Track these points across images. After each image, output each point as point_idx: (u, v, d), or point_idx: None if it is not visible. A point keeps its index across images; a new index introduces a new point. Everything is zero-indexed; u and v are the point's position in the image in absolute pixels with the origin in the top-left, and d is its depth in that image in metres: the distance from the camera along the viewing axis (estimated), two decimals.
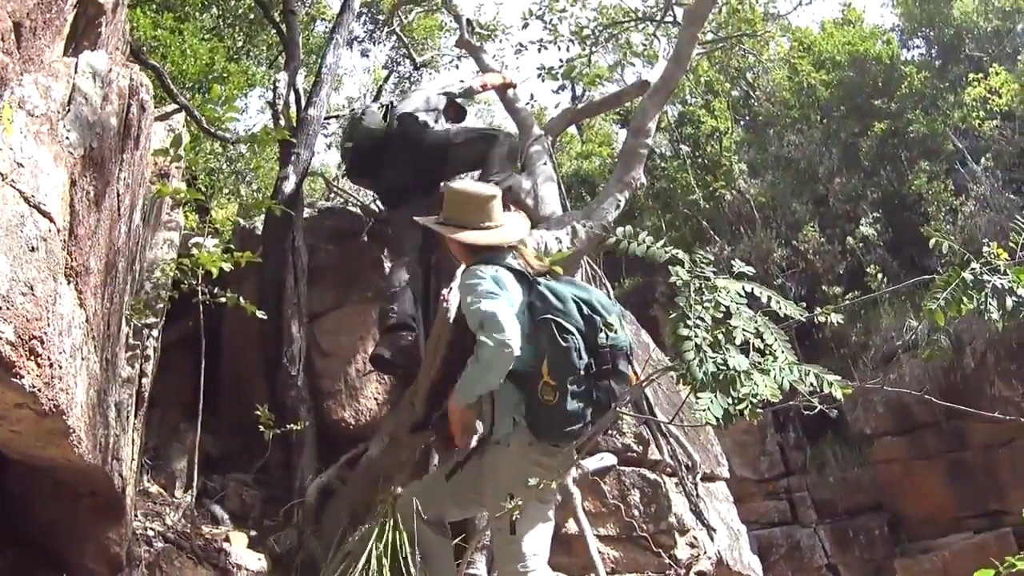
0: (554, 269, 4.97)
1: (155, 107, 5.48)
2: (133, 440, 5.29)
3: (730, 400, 3.48)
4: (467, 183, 5.91)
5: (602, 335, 4.50)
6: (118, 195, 4.43)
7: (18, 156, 3.44)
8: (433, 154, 6.75)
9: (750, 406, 3.48)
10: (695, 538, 6.62)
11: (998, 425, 10.70)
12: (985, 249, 3.75)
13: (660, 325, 8.65)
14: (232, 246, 6.11)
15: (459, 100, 7.52)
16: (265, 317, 6.10)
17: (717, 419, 3.46)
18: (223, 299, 5.96)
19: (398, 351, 6.29)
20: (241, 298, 5.93)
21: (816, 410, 3.84)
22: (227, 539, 6.00)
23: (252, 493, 6.68)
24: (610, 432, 6.59)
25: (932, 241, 4.17)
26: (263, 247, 6.74)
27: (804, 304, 10.19)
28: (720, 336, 3.62)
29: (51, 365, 3.40)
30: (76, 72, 4.09)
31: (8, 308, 3.14)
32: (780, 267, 11.86)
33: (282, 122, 7.54)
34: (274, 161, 10.40)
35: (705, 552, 6.60)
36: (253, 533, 6.32)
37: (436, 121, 6.98)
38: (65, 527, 4.90)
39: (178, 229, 6.51)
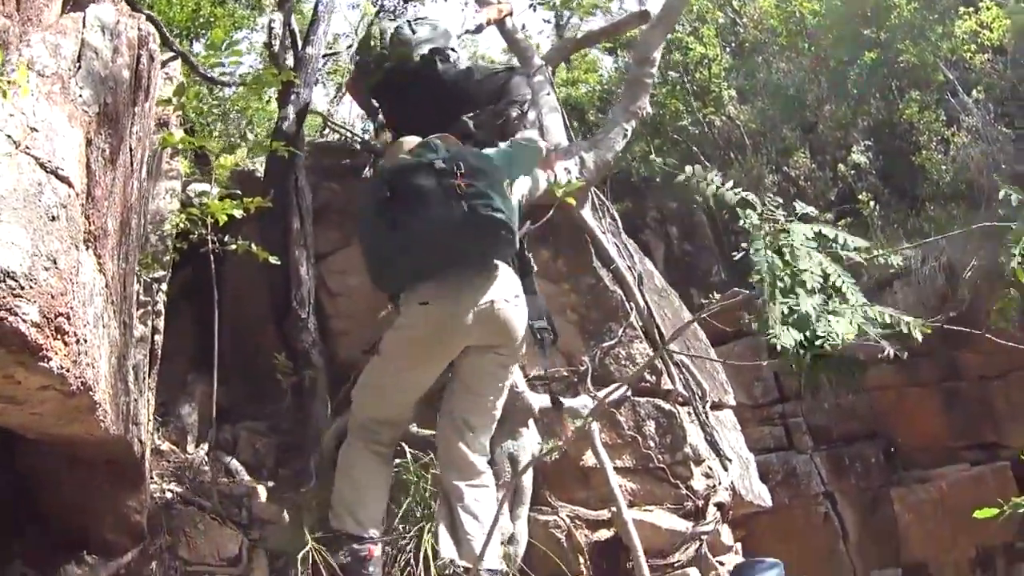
0: None
1: None
2: (148, 401, 4.98)
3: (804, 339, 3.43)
4: None
5: None
6: (130, 150, 4.09)
7: (31, 120, 3.10)
8: (456, 91, 6.39)
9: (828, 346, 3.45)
10: (710, 468, 6.49)
11: (993, 357, 10.56)
12: None
13: (651, 250, 8.34)
14: (239, 192, 5.74)
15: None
16: (278, 262, 5.93)
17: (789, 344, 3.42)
18: (233, 247, 5.77)
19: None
20: (252, 244, 5.75)
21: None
22: (247, 494, 5.73)
23: (265, 442, 6.37)
24: (623, 362, 6.45)
25: None
26: (266, 190, 6.37)
27: None
28: (787, 279, 3.51)
29: (78, 341, 3.08)
30: (84, 27, 3.76)
31: (32, 286, 2.81)
32: (772, 193, 11.55)
33: (289, 62, 7.11)
34: (265, 103, 10.04)
35: (720, 483, 6.48)
36: (271, 484, 6.06)
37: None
38: (81, 500, 4.57)
39: (179, 178, 6.19)
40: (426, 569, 5.05)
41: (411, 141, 5.28)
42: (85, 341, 3.17)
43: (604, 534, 6.06)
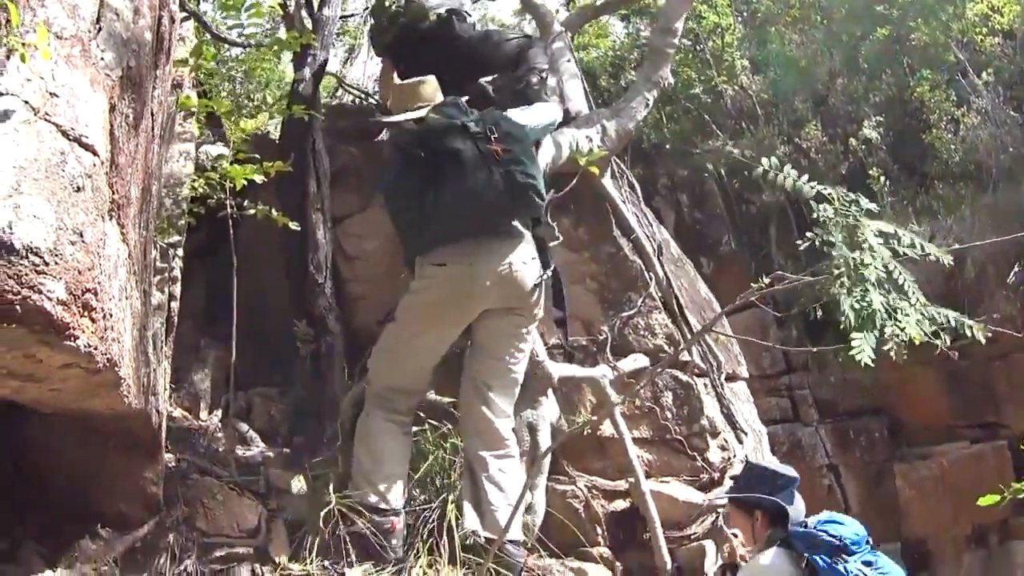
0: None
1: None
2: (165, 370, 4.78)
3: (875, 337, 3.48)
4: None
5: None
6: (152, 115, 3.87)
7: (51, 85, 2.88)
8: (472, 54, 6.24)
9: (896, 348, 3.53)
10: (726, 440, 6.36)
11: (996, 338, 10.41)
12: None
13: (663, 218, 8.15)
14: (256, 156, 5.55)
15: None
16: (297, 227, 5.84)
17: (871, 359, 3.50)
18: (252, 211, 5.63)
19: None
20: (273, 209, 5.67)
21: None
22: (264, 462, 5.57)
23: (279, 408, 6.21)
24: (642, 332, 6.32)
25: None
26: (282, 153, 6.18)
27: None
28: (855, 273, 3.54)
29: (104, 317, 2.90)
30: None
31: (57, 262, 2.62)
32: (782, 164, 11.35)
33: (308, 24, 6.89)
34: (275, 64, 9.81)
35: (735, 455, 6.32)
36: (286, 451, 5.93)
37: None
38: (94, 472, 4.39)
39: (192, 140, 5.95)
40: (449, 540, 4.91)
41: (426, 90, 5.14)
42: (111, 316, 2.99)
43: (620, 504, 5.95)
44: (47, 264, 2.57)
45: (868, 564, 4.71)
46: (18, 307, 2.53)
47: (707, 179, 11.41)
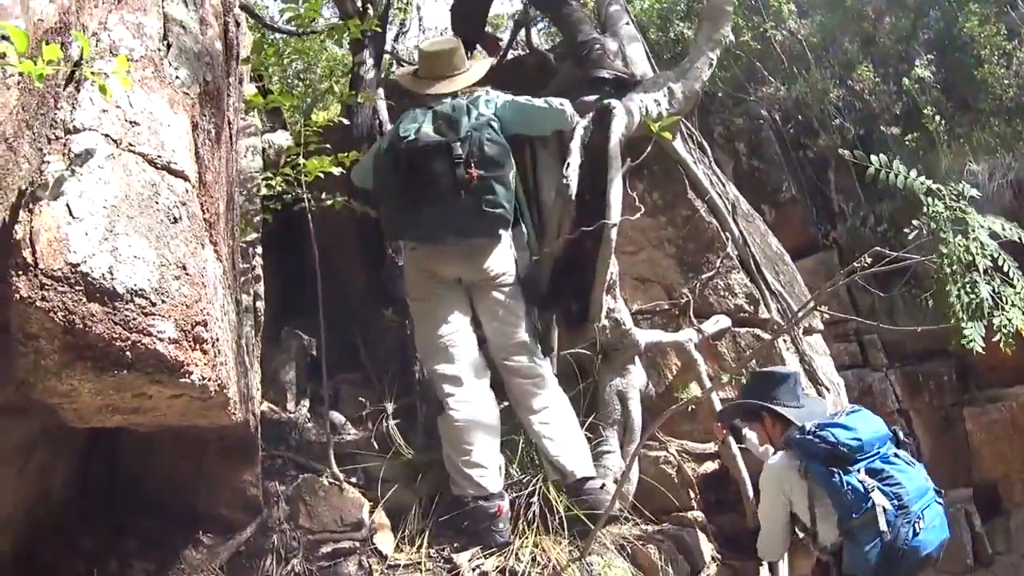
0: None
1: None
2: (256, 372, 4.64)
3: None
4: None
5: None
6: (229, 123, 3.69)
7: (129, 113, 2.71)
8: None
9: (1004, 338, 3.59)
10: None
11: None
12: None
13: (721, 167, 7.88)
14: (328, 146, 5.41)
15: None
16: (375, 214, 5.73)
17: (982, 347, 3.63)
18: (329, 202, 5.61)
19: None
20: (349, 199, 5.71)
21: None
22: (358, 450, 5.40)
23: (367, 393, 6.04)
24: (722, 293, 6.22)
25: None
26: (352, 139, 6.07)
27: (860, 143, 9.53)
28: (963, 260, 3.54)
29: (214, 345, 2.72)
30: (163, 0, 3.31)
31: (164, 300, 2.46)
32: (837, 107, 11.03)
33: (371, 11, 6.67)
34: (323, 45, 9.59)
35: None
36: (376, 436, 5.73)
37: None
38: (193, 478, 4.31)
39: (258, 133, 5.82)
40: (550, 514, 4.85)
41: (454, 59, 5.46)
42: (219, 340, 2.83)
43: (710, 467, 5.86)
44: (154, 304, 2.42)
45: (875, 472, 4.47)
46: (128, 353, 2.38)
47: (763, 126, 11.11)
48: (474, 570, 4.59)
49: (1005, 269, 3.72)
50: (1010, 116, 10.36)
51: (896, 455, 4.66)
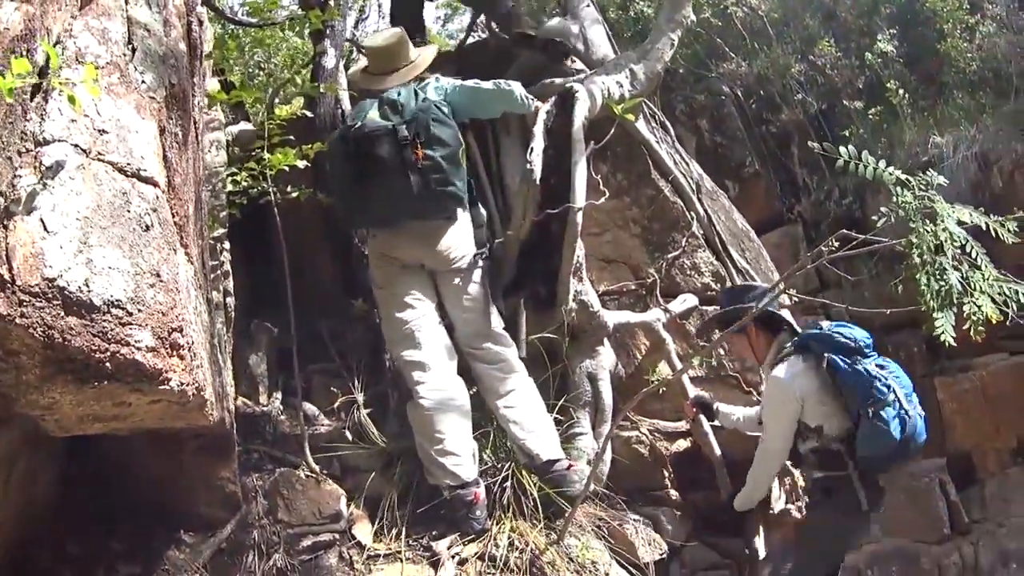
0: None
1: None
2: (229, 368, 4.65)
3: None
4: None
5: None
6: (195, 124, 3.69)
7: (97, 122, 2.71)
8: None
9: (973, 325, 3.61)
10: None
11: None
12: None
13: (684, 143, 7.92)
14: (291, 137, 5.42)
15: None
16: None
17: (952, 337, 3.65)
18: (294, 194, 5.58)
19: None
20: (315, 191, 5.73)
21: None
22: (333, 440, 5.42)
23: (339, 383, 6.06)
24: (689, 272, 6.28)
25: None
26: (315, 130, 6.05)
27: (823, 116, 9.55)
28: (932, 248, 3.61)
29: (190, 349, 2.75)
30: (127, 3, 3.31)
31: (140, 309, 2.48)
32: (799, 82, 11.08)
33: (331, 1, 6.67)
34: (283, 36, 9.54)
35: None
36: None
37: None
38: (172, 479, 4.32)
39: (221, 128, 5.81)
40: (526, 496, 4.92)
41: (400, 51, 5.48)
42: (194, 343, 2.86)
43: (682, 444, 5.90)
44: (131, 314, 2.45)
45: (881, 367, 4.91)
46: (108, 364, 2.41)
47: (725, 102, 11.15)
48: (453, 557, 4.63)
49: (973, 255, 3.76)
50: (973, 89, 10.44)
51: (882, 358, 5.09)
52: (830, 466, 5.02)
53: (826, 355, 4.93)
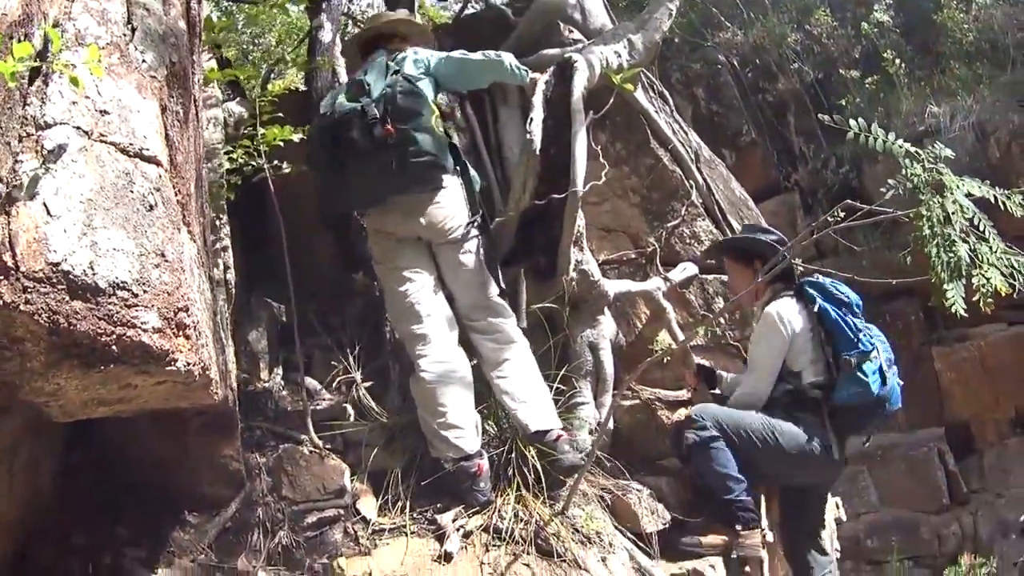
0: None
1: None
2: (231, 345, 4.64)
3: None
4: None
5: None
6: (195, 101, 3.67)
7: (99, 103, 2.69)
8: None
9: (983, 297, 3.64)
10: None
11: None
12: None
13: (680, 112, 7.89)
14: (281, 114, 5.42)
15: None
16: None
17: (964, 308, 3.69)
18: (287, 170, 5.52)
19: None
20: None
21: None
22: (335, 416, 5.42)
23: (338, 357, 6.05)
24: (688, 241, 6.28)
25: None
26: (312, 106, 6.01)
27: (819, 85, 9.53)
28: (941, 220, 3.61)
29: (195, 328, 2.73)
30: None
31: (146, 291, 2.47)
32: (795, 51, 11.06)
33: None
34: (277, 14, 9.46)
35: None
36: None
37: None
38: (176, 459, 4.31)
39: (219, 105, 5.77)
40: (527, 467, 4.90)
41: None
42: (199, 322, 2.85)
43: (684, 413, 5.81)
44: (136, 296, 2.44)
45: (868, 328, 5.13)
46: (114, 347, 2.40)
47: (721, 71, 11.13)
48: (458, 530, 4.63)
49: (981, 228, 3.79)
50: (970, 60, 10.42)
51: (868, 323, 5.26)
52: (803, 409, 5.11)
53: (819, 302, 5.06)
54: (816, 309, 5.08)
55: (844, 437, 5.18)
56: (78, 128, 2.58)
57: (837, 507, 7.12)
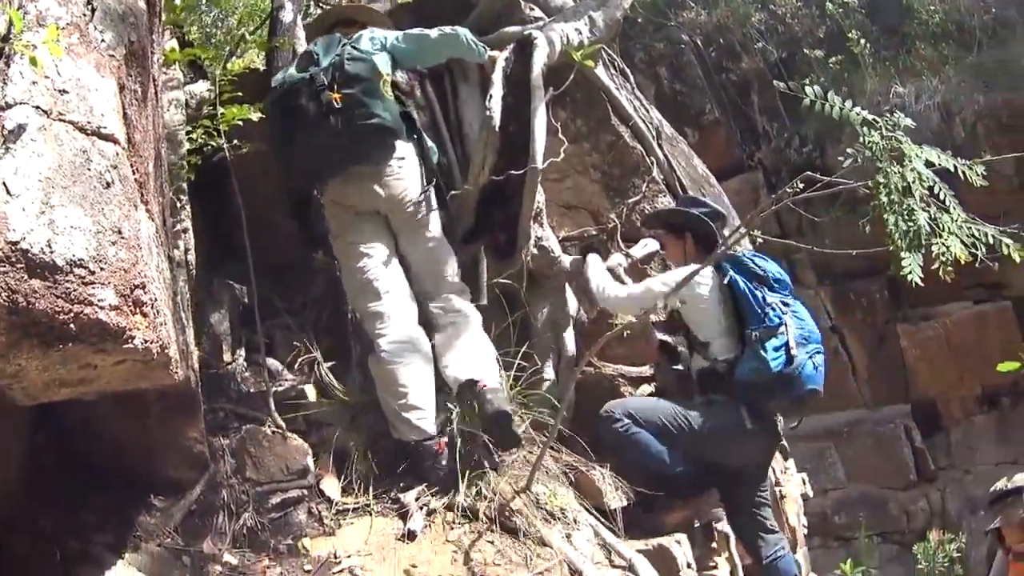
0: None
1: None
2: (191, 325, 4.64)
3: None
4: None
5: None
6: (154, 81, 3.68)
7: (58, 83, 2.71)
8: None
9: (942, 266, 3.68)
10: None
11: (991, 196, 10.31)
12: None
13: (643, 91, 7.95)
14: (240, 94, 5.41)
15: None
16: None
17: (920, 277, 3.70)
18: (244, 149, 5.49)
19: None
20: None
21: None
22: (297, 396, 5.42)
23: (302, 338, 6.07)
24: None
25: None
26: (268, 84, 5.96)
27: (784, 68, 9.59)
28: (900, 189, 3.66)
29: (153, 306, 2.76)
30: None
31: (103, 268, 2.49)
32: (759, 31, 11.12)
33: None
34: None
35: None
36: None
37: None
38: (140, 444, 4.29)
39: (180, 87, 5.71)
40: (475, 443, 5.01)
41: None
42: (157, 300, 2.87)
43: (646, 389, 5.96)
44: (93, 273, 2.46)
45: (785, 304, 5.09)
46: (72, 325, 2.42)
47: (684, 50, 11.18)
48: (421, 508, 4.68)
49: (941, 197, 3.86)
50: (936, 41, 10.52)
51: (796, 301, 5.26)
52: (714, 388, 5.23)
53: (729, 273, 5.13)
54: (726, 281, 5.14)
55: (760, 412, 5.22)
56: (37, 107, 2.60)
57: (804, 483, 7.24)
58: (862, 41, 10.22)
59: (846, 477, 12.00)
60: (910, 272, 3.70)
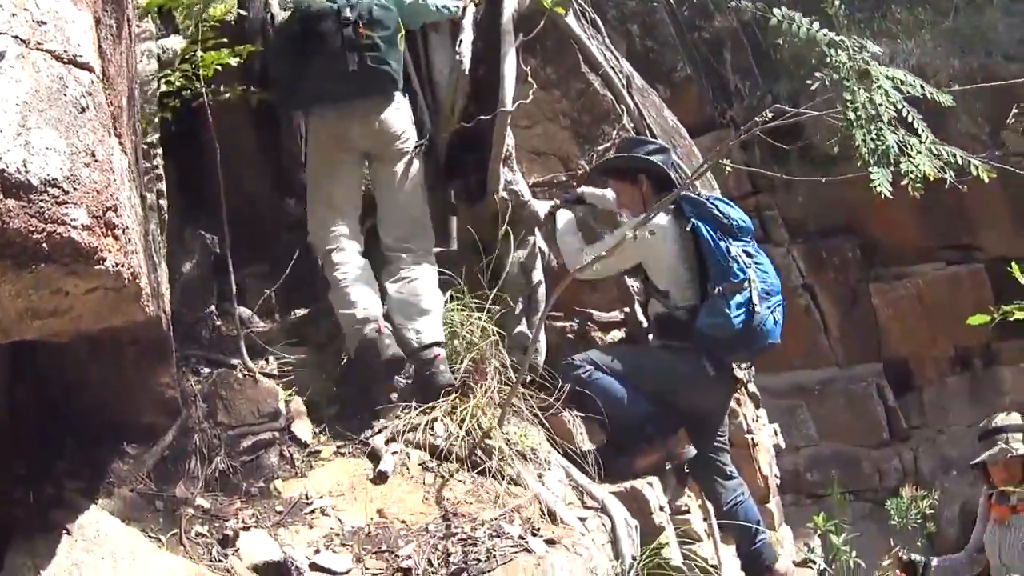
0: None
1: None
2: (164, 270, 4.70)
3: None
4: None
5: None
6: (128, 21, 3.74)
7: (36, 14, 2.74)
8: None
9: (912, 183, 3.67)
10: None
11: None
12: None
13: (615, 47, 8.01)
14: (226, 40, 5.43)
15: None
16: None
17: (889, 191, 3.68)
18: (227, 95, 5.59)
19: None
20: (249, 89, 5.74)
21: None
22: (268, 341, 5.53)
23: (272, 285, 6.13)
24: None
25: None
26: (244, 33, 6.01)
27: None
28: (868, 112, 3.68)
29: (124, 231, 2.83)
30: None
31: (76, 188, 2.55)
32: None
33: None
34: None
35: None
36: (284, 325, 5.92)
37: None
38: (113, 389, 4.32)
39: (152, 38, 5.76)
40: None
41: None
42: (128, 228, 2.94)
43: (617, 335, 6.09)
44: (67, 192, 2.51)
45: (748, 255, 5.11)
46: (45, 245, 2.47)
47: (656, 8, 11.21)
48: (393, 451, 4.77)
49: (910, 120, 3.90)
50: (912, 5, 10.56)
51: (758, 249, 5.29)
52: (673, 335, 5.30)
53: (693, 220, 5.10)
54: (689, 228, 5.12)
55: (720, 361, 5.31)
56: (16, 37, 2.64)
57: (776, 433, 7.33)
58: (836, 2, 10.24)
59: (818, 435, 12.11)
60: (879, 186, 3.69)
